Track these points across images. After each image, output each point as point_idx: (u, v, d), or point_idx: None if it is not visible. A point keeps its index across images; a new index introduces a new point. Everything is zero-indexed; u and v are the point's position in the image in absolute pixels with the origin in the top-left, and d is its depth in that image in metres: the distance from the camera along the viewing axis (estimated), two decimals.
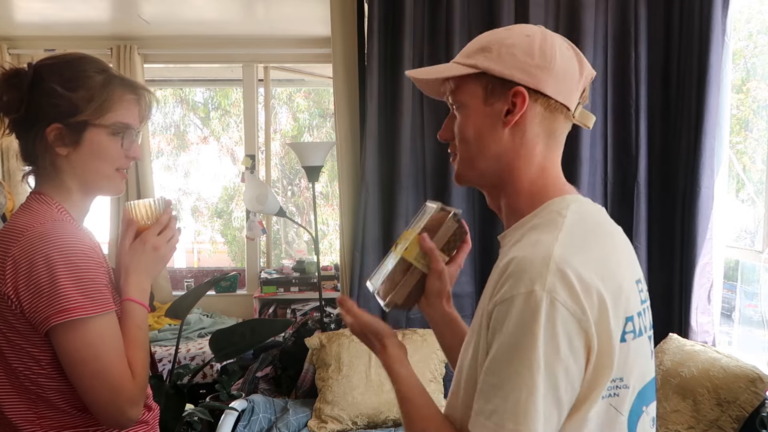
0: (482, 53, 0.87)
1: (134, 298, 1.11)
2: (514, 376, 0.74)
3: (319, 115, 7.99)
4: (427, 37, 2.74)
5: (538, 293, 0.73)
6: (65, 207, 1.11)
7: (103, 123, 1.09)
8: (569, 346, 0.73)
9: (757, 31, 3.19)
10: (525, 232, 0.84)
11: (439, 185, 2.77)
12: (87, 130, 1.08)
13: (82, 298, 1.00)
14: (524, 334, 0.73)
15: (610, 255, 0.82)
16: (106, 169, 1.12)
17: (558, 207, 0.85)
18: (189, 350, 3.63)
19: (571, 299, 0.74)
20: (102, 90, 1.09)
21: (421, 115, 2.76)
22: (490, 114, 0.86)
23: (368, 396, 2.47)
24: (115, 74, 1.14)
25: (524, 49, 0.84)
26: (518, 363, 0.73)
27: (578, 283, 0.74)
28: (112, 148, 1.11)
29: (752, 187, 2.94)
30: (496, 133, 0.87)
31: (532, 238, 0.81)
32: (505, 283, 0.76)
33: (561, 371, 0.73)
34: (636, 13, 2.66)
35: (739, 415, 2.00)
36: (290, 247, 7.42)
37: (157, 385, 1.87)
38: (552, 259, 0.75)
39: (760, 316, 2.56)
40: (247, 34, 4.12)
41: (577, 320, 0.74)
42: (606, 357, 0.76)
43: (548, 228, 0.81)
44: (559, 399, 0.74)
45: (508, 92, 0.85)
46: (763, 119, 3.19)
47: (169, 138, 8.24)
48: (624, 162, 2.72)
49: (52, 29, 3.90)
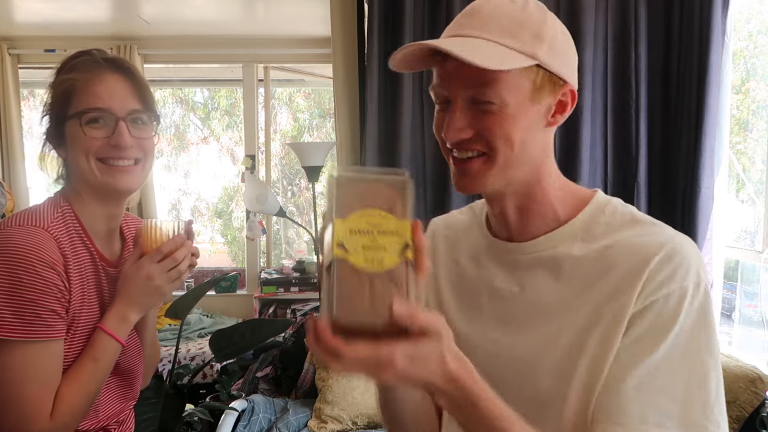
0: (539, 42, 0.73)
1: (106, 327, 1.00)
2: (699, 371, 0.70)
3: (319, 115, 7.98)
4: (427, 37, 2.74)
5: (705, 282, 0.72)
6: (78, 213, 1.04)
7: (72, 112, 1.00)
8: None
9: (757, 32, 3.19)
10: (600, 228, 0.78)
11: (439, 185, 2.77)
12: (64, 125, 1.01)
13: (14, 318, 0.90)
14: (703, 325, 0.70)
15: None
16: (89, 163, 1.01)
17: (611, 200, 0.81)
18: (189, 350, 3.63)
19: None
20: (65, 78, 1.01)
21: (421, 115, 2.76)
22: (536, 112, 0.75)
23: (368, 396, 2.47)
24: (88, 58, 1.03)
25: (563, 40, 0.77)
26: (701, 356, 0.70)
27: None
28: (86, 137, 1.00)
29: (752, 187, 2.94)
30: (537, 134, 0.77)
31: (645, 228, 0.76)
32: (668, 274, 0.70)
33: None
34: (636, 13, 2.66)
35: (739, 415, 2.00)
36: (290, 247, 7.41)
37: (157, 385, 1.87)
38: (691, 251, 0.73)
39: (760, 316, 2.55)
40: (247, 34, 4.12)
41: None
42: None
43: (642, 221, 0.77)
44: (719, 387, 0.72)
45: (557, 89, 0.76)
46: (763, 119, 3.19)
47: (169, 138, 8.23)
48: (624, 162, 2.71)
49: (52, 29, 3.89)
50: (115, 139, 1.01)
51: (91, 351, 1.00)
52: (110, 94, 1.00)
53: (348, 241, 0.57)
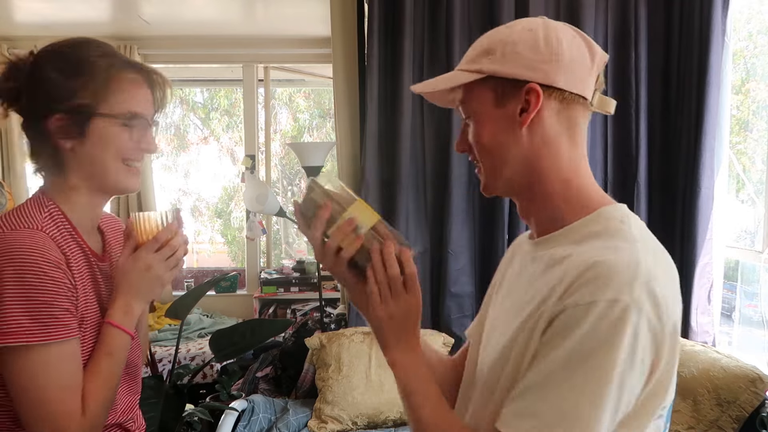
0: (486, 56, 0.83)
1: (114, 321, 1.01)
2: (577, 384, 0.69)
3: (319, 116, 7.99)
4: (427, 37, 2.74)
5: (625, 302, 0.68)
6: (64, 209, 1.02)
7: (112, 112, 1.00)
8: (641, 362, 0.70)
9: (757, 32, 3.19)
10: (583, 238, 0.78)
11: (439, 185, 2.77)
12: (93, 120, 0.99)
13: (29, 322, 0.90)
14: (602, 342, 0.68)
15: (671, 268, 0.79)
16: (116, 163, 1.02)
17: (618, 215, 0.80)
18: (189, 350, 3.63)
19: (654, 313, 0.69)
20: (106, 75, 0.99)
21: (421, 115, 2.76)
22: (503, 116, 0.82)
23: (368, 396, 2.47)
24: (121, 57, 1.04)
25: (529, 45, 0.81)
26: (585, 372, 0.69)
27: (661, 297, 0.70)
28: (121, 139, 1.01)
29: (752, 187, 2.94)
30: (514, 136, 0.82)
31: (605, 244, 0.75)
32: (584, 286, 0.70)
33: (628, 386, 0.70)
34: (636, 13, 2.66)
35: (739, 415, 2.00)
36: (290, 247, 7.41)
37: (157, 385, 1.88)
38: (640, 268, 0.70)
39: (760, 316, 2.56)
40: (247, 34, 4.13)
41: (655, 335, 0.70)
42: (669, 377, 0.74)
43: (619, 237, 0.76)
44: (617, 412, 0.71)
45: (520, 91, 0.81)
46: (763, 120, 3.19)
47: (169, 138, 8.23)
48: (624, 162, 2.72)
49: (52, 29, 3.89)
50: (146, 144, 1.05)
51: (104, 347, 1.00)
52: (146, 101, 1.05)
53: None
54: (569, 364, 0.69)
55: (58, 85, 0.98)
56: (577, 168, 0.84)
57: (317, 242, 0.86)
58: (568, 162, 0.83)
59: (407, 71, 2.70)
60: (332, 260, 0.86)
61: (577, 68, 0.81)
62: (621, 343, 0.68)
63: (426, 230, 2.77)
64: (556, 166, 0.83)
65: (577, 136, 0.84)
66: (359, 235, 0.85)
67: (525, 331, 0.76)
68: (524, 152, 0.82)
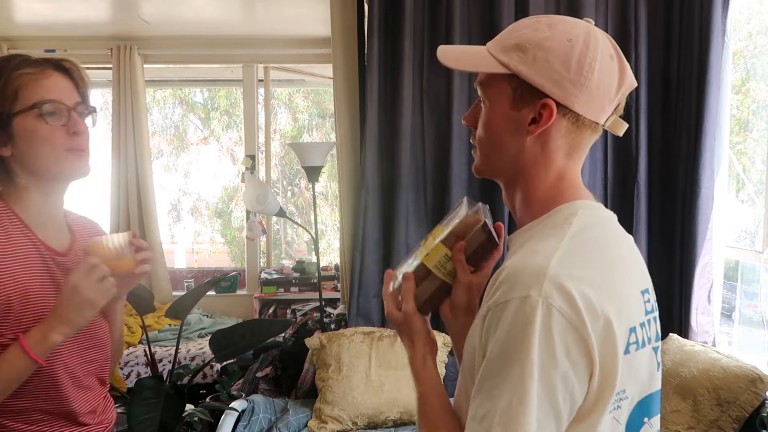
0: (517, 52, 0.80)
1: (24, 339, 0.99)
2: (504, 381, 0.71)
3: (318, 116, 7.99)
4: (427, 37, 2.74)
5: (533, 298, 0.71)
6: (16, 209, 1.07)
7: (22, 107, 1.03)
8: (566, 354, 0.71)
9: (757, 32, 3.19)
10: (528, 239, 0.82)
11: (439, 185, 2.77)
12: (12, 121, 1.04)
13: None
14: (517, 338, 0.71)
15: (613, 264, 0.80)
16: (50, 154, 1.05)
17: (566, 213, 0.82)
18: (189, 350, 3.63)
19: (568, 306, 0.71)
20: (8, 74, 1.04)
21: (421, 115, 2.76)
22: (515, 119, 0.82)
23: (368, 396, 2.47)
24: (24, 57, 1.07)
25: (561, 57, 0.78)
26: (509, 368, 0.71)
27: (576, 292, 0.72)
28: (44, 130, 1.04)
29: (752, 187, 2.93)
30: (518, 138, 0.83)
31: (532, 246, 0.79)
32: (500, 288, 0.75)
33: (558, 379, 0.71)
34: (636, 13, 2.66)
35: (739, 415, 2.00)
36: (290, 247, 7.42)
37: (157, 385, 1.87)
38: (549, 267, 0.73)
39: (760, 316, 2.55)
40: (247, 35, 4.12)
41: (574, 328, 0.71)
42: (611, 370, 0.74)
43: (550, 236, 0.79)
44: (556, 408, 0.71)
45: (536, 101, 0.80)
46: (763, 120, 3.19)
47: (168, 138, 8.23)
48: (624, 162, 2.72)
49: (52, 29, 3.90)
50: (72, 126, 1.06)
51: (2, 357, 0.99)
52: (58, 88, 1.07)
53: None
54: (496, 363, 0.73)
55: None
56: (563, 178, 0.84)
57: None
58: (556, 173, 0.84)
59: (407, 71, 2.70)
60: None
61: (600, 96, 0.81)
62: (532, 336, 0.70)
63: (426, 230, 2.77)
64: (545, 173, 0.84)
65: (575, 155, 0.85)
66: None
67: (475, 333, 0.80)
68: (520, 154, 0.84)
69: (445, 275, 0.91)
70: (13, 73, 1.04)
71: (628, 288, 0.80)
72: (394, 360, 2.53)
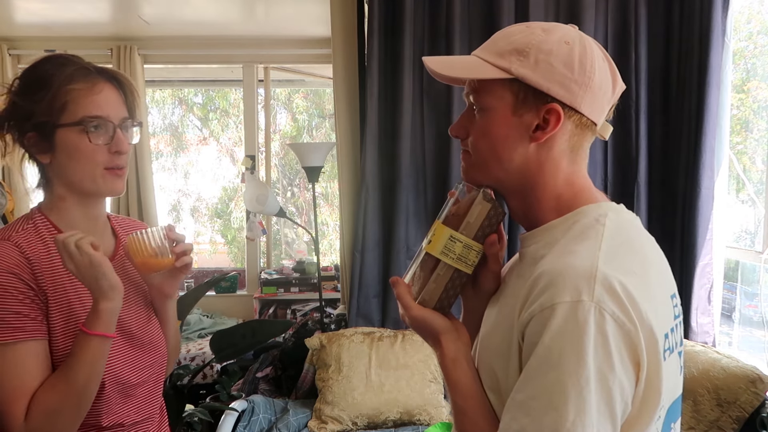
0: (517, 56, 0.78)
1: (85, 325, 0.98)
2: (556, 393, 0.67)
3: (318, 116, 7.98)
4: (427, 37, 2.74)
5: (585, 303, 0.68)
6: (54, 219, 1.06)
7: (68, 121, 1.02)
8: (621, 360, 0.68)
9: (757, 32, 3.19)
10: (557, 238, 0.78)
11: (439, 185, 2.77)
12: (56, 132, 1.02)
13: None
14: (569, 346, 0.67)
15: (650, 268, 0.77)
16: (88, 170, 1.04)
17: (594, 214, 0.79)
18: (189, 351, 3.63)
19: (620, 311, 0.68)
20: (58, 85, 1.01)
21: (421, 115, 2.76)
22: (517, 125, 0.79)
23: (368, 396, 2.47)
24: (79, 64, 1.05)
25: (563, 59, 0.77)
26: (561, 378, 0.67)
27: (625, 296, 0.69)
28: (85, 146, 1.02)
29: (752, 187, 2.93)
30: (521, 146, 0.80)
31: (568, 246, 0.75)
32: (543, 292, 0.70)
33: (616, 386, 0.68)
34: (636, 13, 2.66)
35: (739, 415, 2.00)
36: (290, 247, 7.41)
37: None
38: (598, 270, 0.70)
39: (760, 316, 2.55)
40: (247, 35, 4.12)
41: (627, 333, 0.68)
42: (656, 375, 0.72)
43: (586, 236, 0.76)
44: (614, 414, 0.69)
45: (541, 106, 0.78)
46: (763, 119, 3.19)
47: (168, 139, 8.23)
48: (624, 162, 2.71)
49: (52, 29, 3.90)
50: (115, 145, 1.05)
51: (71, 354, 0.98)
52: (107, 103, 1.05)
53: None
54: (541, 373, 0.69)
55: (22, 105, 1.02)
56: (573, 183, 0.83)
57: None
58: (564, 179, 0.82)
59: (407, 71, 2.70)
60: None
61: (601, 95, 0.80)
62: (588, 344, 0.67)
63: (426, 230, 2.77)
64: (553, 180, 0.82)
65: (578, 157, 0.83)
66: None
67: (508, 349, 0.76)
68: (525, 163, 0.81)
69: (455, 261, 0.83)
70: (65, 86, 1.02)
71: (661, 292, 0.78)
72: (394, 360, 2.53)
